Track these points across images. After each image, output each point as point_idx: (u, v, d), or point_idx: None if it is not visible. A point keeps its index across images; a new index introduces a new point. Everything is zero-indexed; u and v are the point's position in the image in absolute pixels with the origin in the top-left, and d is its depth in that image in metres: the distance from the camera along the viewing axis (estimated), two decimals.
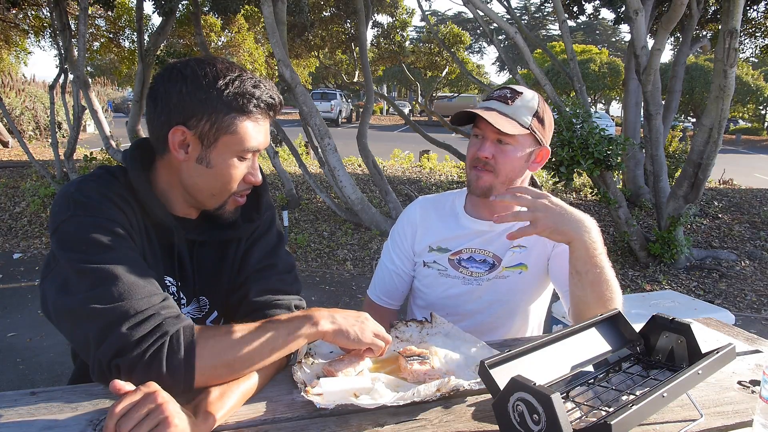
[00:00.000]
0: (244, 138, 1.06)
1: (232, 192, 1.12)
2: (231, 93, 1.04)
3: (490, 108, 1.43)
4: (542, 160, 1.51)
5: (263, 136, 1.10)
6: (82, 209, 1.00)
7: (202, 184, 1.10)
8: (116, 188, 1.07)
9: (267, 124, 1.11)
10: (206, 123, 1.04)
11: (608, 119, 21.57)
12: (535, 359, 0.97)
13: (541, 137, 1.45)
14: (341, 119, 27.95)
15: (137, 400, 0.81)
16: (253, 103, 1.06)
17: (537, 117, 1.43)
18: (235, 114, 1.05)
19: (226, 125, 1.04)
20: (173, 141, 1.05)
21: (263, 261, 1.22)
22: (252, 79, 1.07)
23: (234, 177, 1.10)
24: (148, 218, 1.10)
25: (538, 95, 1.47)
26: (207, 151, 1.06)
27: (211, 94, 1.03)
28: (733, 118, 29.73)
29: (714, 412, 1.00)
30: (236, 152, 1.07)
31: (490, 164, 1.43)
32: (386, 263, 1.67)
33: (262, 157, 11.33)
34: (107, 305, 0.92)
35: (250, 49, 14.22)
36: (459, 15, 49.46)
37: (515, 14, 7.77)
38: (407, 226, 1.64)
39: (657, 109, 5.79)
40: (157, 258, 1.12)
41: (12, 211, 7.52)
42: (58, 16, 8.45)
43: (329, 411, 0.95)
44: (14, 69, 16.35)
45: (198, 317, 1.21)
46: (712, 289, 5.35)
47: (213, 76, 1.04)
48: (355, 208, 6.69)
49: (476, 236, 1.55)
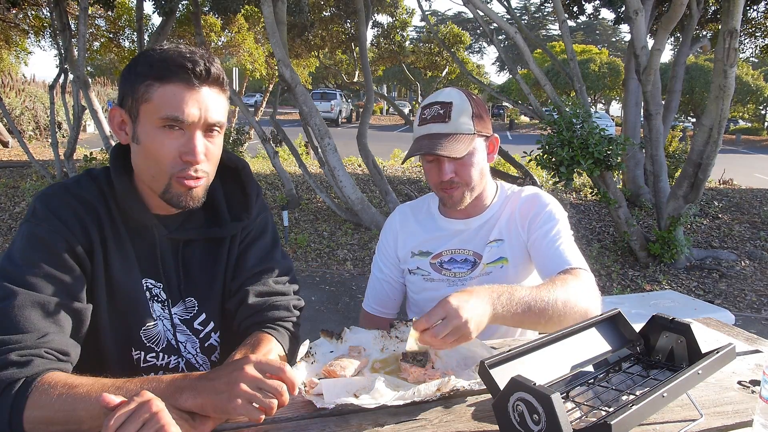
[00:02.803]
0: (160, 105, 1.00)
1: (168, 171, 1.03)
2: (147, 61, 1.01)
3: (431, 133, 1.42)
4: (495, 148, 1.53)
5: (190, 107, 1.00)
6: (35, 218, 1.04)
7: (141, 164, 1.06)
8: (88, 194, 1.07)
9: (197, 95, 1.01)
10: (129, 97, 1.03)
11: (608, 119, 21.59)
12: (535, 359, 0.97)
13: (486, 131, 1.46)
14: (341, 119, 27.96)
15: (131, 410, 0.78)
16: (166, 66, 1.00)
17: (474, 116, 1.43)
18: (149, 81, 1.00)
19: (141, 93, 1.01)
20: (112, 123, 1.07)
21: (259, 265, 1.21)
22: (181, 50, 1.02)
23: (162, 152, 1.02)
24: (127, 220, 1.10)
25: (461, 91, 1.46)
26: (135, 126, 1.04)
27: (132, 68, 1.03)
28: (733, 118, 29.75)
29: (714, 412, 1.00)
30: (156, 122, 1.01)
31: (456, 181, 1.44)
32: (375, 273, 1.70)
33: (261, 156, 11.34)
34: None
35: (250, 49, 14.23)
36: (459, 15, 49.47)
37: (515, 14, 7.77)
38: (389, 234, 1.67)
39: (657, 109, 5.80)
40: (130, 262, 1.11)
41: (12, 211, 7.52)
42: (58, 16, 8.46)
43: (329, 411, 0.95)
44: (14, 69, 16.36)
45: (186, 318, 1.19)
46: (712, 289, 5.35)
47: (144, 53, 1.04)
48: (355, 208, 6.69)
49: (454, 236, 1.56)
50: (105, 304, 1.09)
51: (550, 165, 5.08)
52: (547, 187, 8.29)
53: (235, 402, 0.83)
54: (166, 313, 1.16)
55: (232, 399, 0.83)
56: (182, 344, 1.18)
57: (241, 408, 0.83)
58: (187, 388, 0.87)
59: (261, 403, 0.84)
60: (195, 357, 1.21)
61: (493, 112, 38.60)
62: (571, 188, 8.48)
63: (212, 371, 0.89)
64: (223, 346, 1.24)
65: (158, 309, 1.15)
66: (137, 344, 1.14)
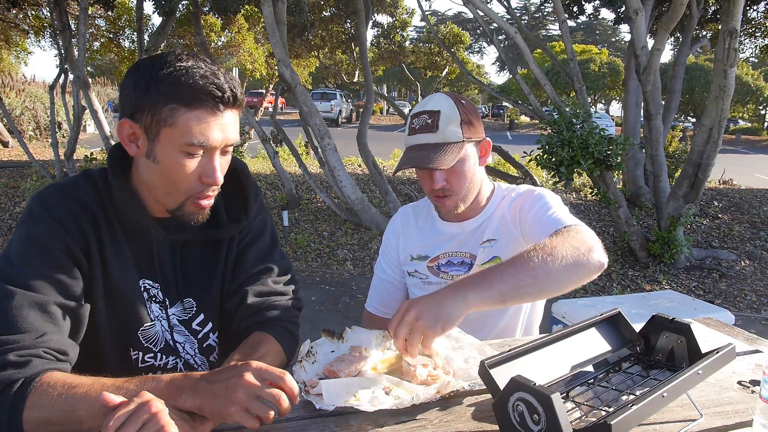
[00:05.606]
0: (185, 131, 0.98)
1: (186, 192, 1.04)
2: (172, 81, 0.97)
3: (419, 144, 1.42)
4: (488, 151, 1.52)
5: (215, 132, 1.00)
6: (31, 219, 1.03)
7: (154, 181, 1.06)
8: (84, 195, 1.06)
9: (222, 119, 1.01)
10: (148, 115, 0.99)
11: (608, 119, 21.56)
12: (535, 359, 0.97)
13: (477, 135, 1.45)
14: (341, 119, 27.95)
15: (131, 411, 0.78)
16: (194, 93, 0.97)
17: (463, 122, 1.41)
18: (174, 105, 0.98)
19: (164, 117, 0.98)
20: (122, 135, 1.04)
21: (258, 265, 1.21)
22: (203, 70, 0.99)
23: (183, 175, 1.02)
24: (124, 221, 1.10)
25: (450, 97, 1.44)
26: (152, 145, 1.01)
27: (151, 85, 0.99)
28: (733, 118, 29.74)
29: (714, 412, 1.00)
30: (180, 147, 1.00)
31: (448, 189, 1.44)
32: (378, 274, 1.71)
33: (261, 156, 11.34)
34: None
35: (250, 49, 14.24)
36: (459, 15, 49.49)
37: (515, 14, 7.77)
38: (391, 236, 1.68)
39: (657, 109, 5.80)
40: (128, 262, 1.10)
41: (12, 211, 7.52)
42: (58, 16, 8.46)
43: (329, 411, 0.95)
44: (14, 69, 16.37)
45: (184, 319, 1.19)
46: (712, 289, 5.35)
47: (160, 66, 0.99)
48: (355, 208, 6.69)
49: (450, 239, 1.57)
50: (103, 304, 1.08)
51: (550, 165, 5.08)
52: (547, 186, 8.29)
53: (231, 408, 0.83)
54: (164, 313, 1.16)
55: (228, 405, 0.83)
56: (180, 345, 1.18)
57: (236, 415, 0.83)
58: (187, 389, 0.86)
59: (257, 412, 0.83)
60: (193, 357, 1.20)
61: (493, 112, 38.55)
62: (571, 188, 8.48)
63: (213, 373, 0.89)
64: (221, 346, 1.24)
65: (156, 309, 1.15)
66: (135, 344, 1.14)
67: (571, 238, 1.18)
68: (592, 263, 1.16)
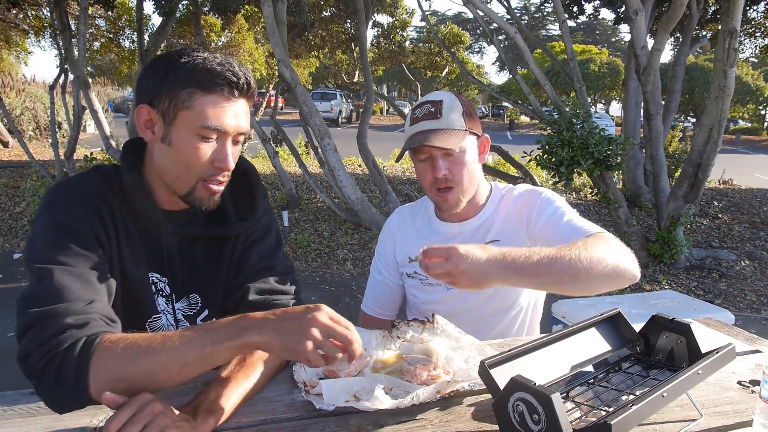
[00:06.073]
0: (201, 114, 1.03)
1: (198, 175, 1.07)
2: (190, 68, 1.03)
3: (423, 130, 1.43)
4: (486, 149, 1.53)
5: (228, 117, 1.05)
6: (53, 208, 1.04)
7: (167, 165, 1.08)
8: (97, 187, 1.08)
9: (235, 106, 1.06)
10: (166, 99, 1.04)
11: (608, 119, 21.57)
12: (535, 359, 0.97)
13: (477, 129, 1.47)
14: (341, 119, 27.95)
15: (133, 412, 0.79)
16: (211, 78, 1.03)
17: (465, 114, 1.44)
18: (192, 89, 1.02)
19: (182, 100, 1.03)
20: (139, 121, 1.07)
21: (261, 264, 1.22)
22: (219, 59, 1.05)
23: (196, 158, 1.05)
24: (136, 215, 1.11)
25: (450, 92, 1.49)
26: (168, 128, 1.05)
27: (170, 72, 1.03)
28: (733, 118, 29.75)
29: (714, 412, 1.00)
30: (195, 129, 1.04)
31: (449, 180, 1.44)
32: (374, 275, 1.70)
33: (262, 156, 11.34)
34: (32, 308, 0.92)
35: (250, 49, 14.25)
36: (459, 15, 49.50)
37: (515, 14, 7.77)
38: (388, 237, 1.67)
39: (657, 109, 5.80)
40: (139, 255, 1.12)
41: (12, 211, 7.52)
42: (58, 16, 8.47)
43: (329, 411, 0.95)
44: (14, 69, 16.38)
45: (189, 314, 1.21)
46: (712, 289, 5.35)
47: (179, 56, 1.05)
48: (355, 208, 6.69)
49: (449, 240, 1.54)
50: (120, 293, 1.10)
51: (550, 165, 5.08)
52: (547, 187, 8.29)
53: (305, 344, 0.85)
54: (170, 307, 1.18)
55: (303, 341, 0.85)
56: None
57: (309, 352, 0.85)
58: (252, 327, 0.88)
59: (328, 351, 0.86)
60: None
61: (493, 112, 38.51)
62: (571, 188, 8.48)
63: (281, 312, 0.90)
64: None
65: (162, 303, 1.17)
66: None
67: (612, 247, 1.22)
68: (630, 275, 1.20)
